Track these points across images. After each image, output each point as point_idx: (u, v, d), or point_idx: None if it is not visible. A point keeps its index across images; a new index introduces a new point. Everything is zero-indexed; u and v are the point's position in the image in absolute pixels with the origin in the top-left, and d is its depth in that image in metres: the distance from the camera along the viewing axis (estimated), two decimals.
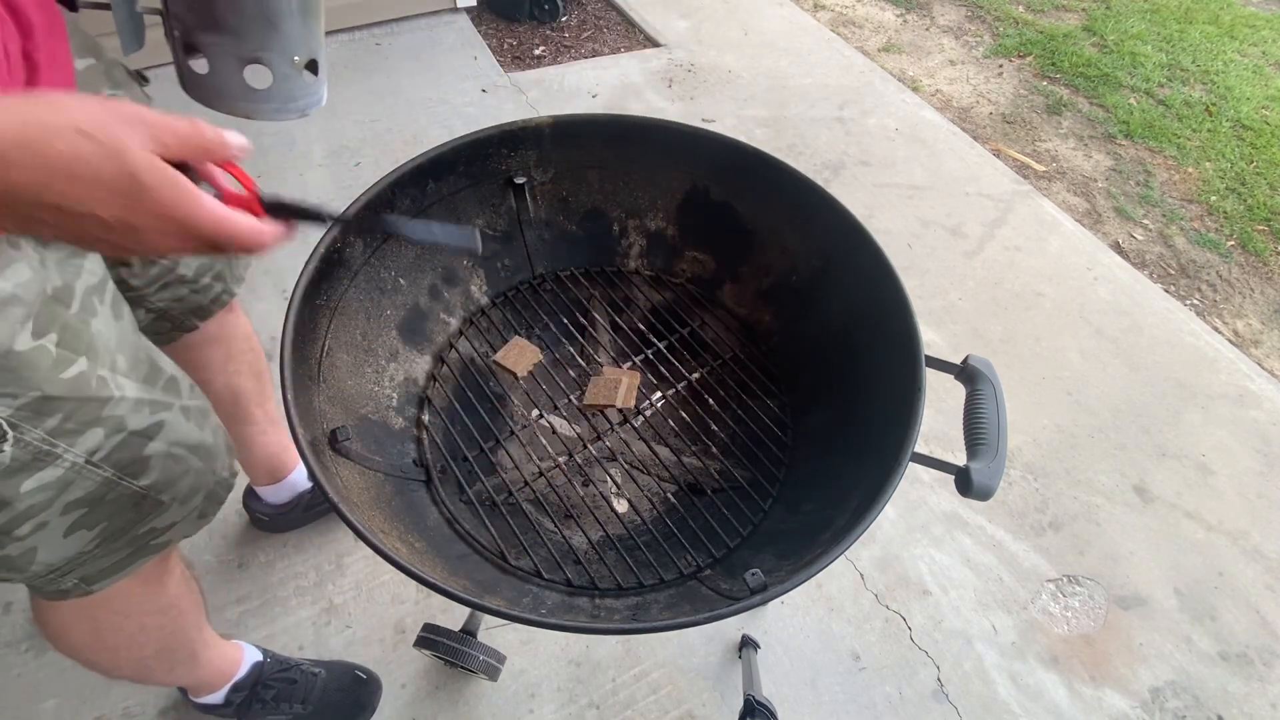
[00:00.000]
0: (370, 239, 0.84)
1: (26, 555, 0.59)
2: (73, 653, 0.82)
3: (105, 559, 0.66)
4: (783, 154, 1.00)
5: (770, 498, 0.87)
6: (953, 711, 1.28)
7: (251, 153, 0.46)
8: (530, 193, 1.00)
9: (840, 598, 1.40)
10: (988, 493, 0.66)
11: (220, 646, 1.04)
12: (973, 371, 0.75)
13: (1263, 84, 2.90)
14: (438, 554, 0.72)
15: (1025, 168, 2.49)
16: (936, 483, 1.59)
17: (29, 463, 0.53)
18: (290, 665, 1.14)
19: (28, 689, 1.19)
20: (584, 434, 0.93)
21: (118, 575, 0.69)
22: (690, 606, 0.72)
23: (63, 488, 0.56)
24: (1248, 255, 2.25)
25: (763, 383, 0.97)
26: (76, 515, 0.59)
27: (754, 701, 1.11)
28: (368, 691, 1.18)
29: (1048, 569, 1.47)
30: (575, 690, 1.25)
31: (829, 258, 0.92)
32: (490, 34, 2.83)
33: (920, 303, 1.94)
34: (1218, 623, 1.42)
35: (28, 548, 0.58)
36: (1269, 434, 1.74)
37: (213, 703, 1.08)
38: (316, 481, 0.61)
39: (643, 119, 0.96)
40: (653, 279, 1.08)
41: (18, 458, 0.51)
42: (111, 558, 0.67)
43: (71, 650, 0.82)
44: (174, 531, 0.71)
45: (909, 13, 3.29)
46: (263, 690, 1.10)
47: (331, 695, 1.15)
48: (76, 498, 0.58)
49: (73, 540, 0.61)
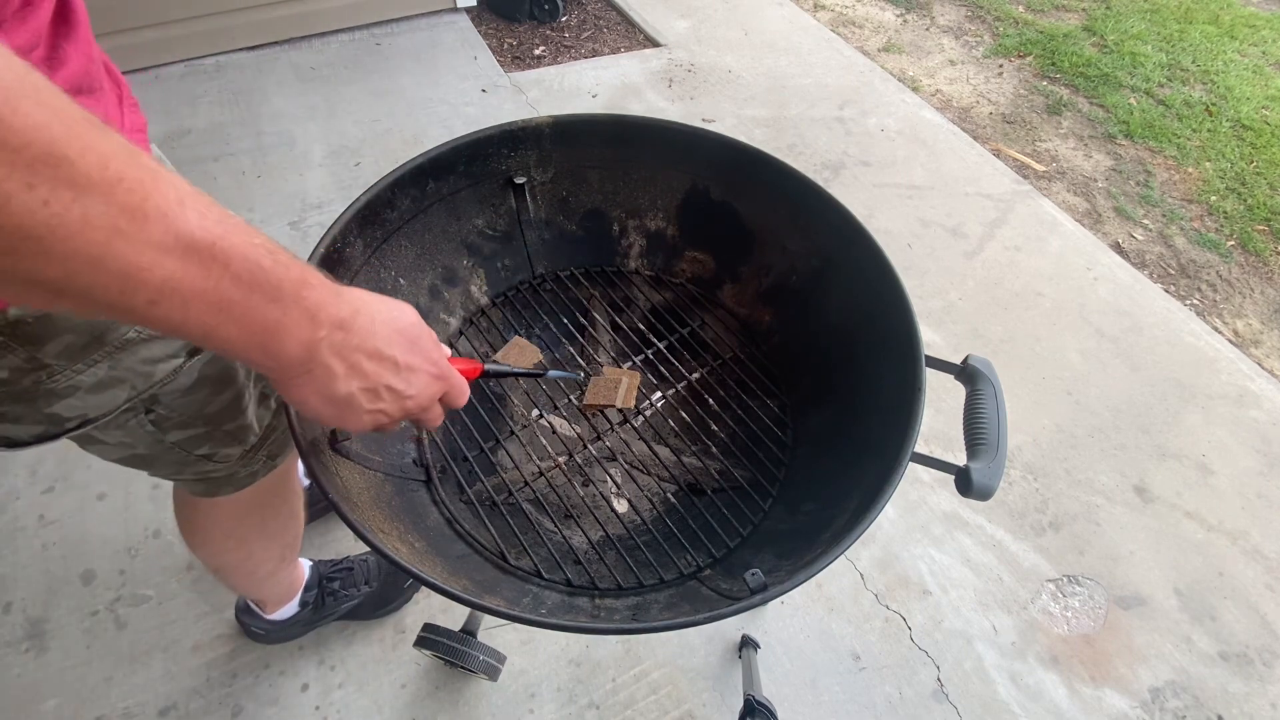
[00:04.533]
0: (370, 239, 0.84)
1: (245, 428, 0.73)
2: (239, 546, 0.94)
3: (282, 430, 0.80)
4: (783, 154, 1.00)
5: (770, 498, 0.87)
6: (953, 711, 1.28)
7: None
8: (530, 193, 1.00)
9: (840, 598, 1.40)
10: (988, 493, 0.65)
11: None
12: (973, 371, 0.75)
13: (1263, 84, 2.90)
14: (438, 554, 0.72)
15: (1025, 168, 2.49)
16: (936, 483, 1.59)
17: None
18: (339, 560, 1.27)
19: (28, 689, 1.19)
20: (584, 434, 0.93)
21: (289, 446, 0.84)
22: (690, 606, 0.72)
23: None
24: (1248, 255, 2.25)
25: (763, 383, 0.97)
26: (261, 385, 0.74)
27: (754, 701, 1.11)
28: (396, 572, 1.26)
29: (1048, 569, 1.47)
30: (575, 690, 1.25)
31: (829, 258, 0.92)
32: (490, 34, 2.83)
33: (920, 303, 1.94)
34: (1218, 623, 1.42)
35: (247, 420, 0.73)
36: (1269, 434, 1.73)
37: (289, 614, 1.20)
38: (316, 481, 0.61)
39: (643, 119, 0.96)
40: (653, 279, 1.08)
41: None
42: (283, 428, 0.80)
43: (240, 543, 0.93)
44: None
45: (909, 13, 3.29)
46: (328, 584, 1.22)
47: (385, 572, 1.27)
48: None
49: (263, 410, 0.76)
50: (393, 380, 0.46)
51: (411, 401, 0.49)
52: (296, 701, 1.21)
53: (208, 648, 1.25)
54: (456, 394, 0.53)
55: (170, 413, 0.65)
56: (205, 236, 0.33)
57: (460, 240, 0.97)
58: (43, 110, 0.27)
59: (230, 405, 0.70)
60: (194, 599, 1.30)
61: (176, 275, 0.32)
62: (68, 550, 1.35)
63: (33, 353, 0.51)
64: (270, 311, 0.37)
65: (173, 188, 0.32)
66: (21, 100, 0.26)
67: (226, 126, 2.30)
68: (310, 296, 0.39)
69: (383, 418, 0.48)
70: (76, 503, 1.41)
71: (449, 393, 0.53)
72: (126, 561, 1.34)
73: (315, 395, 0.44)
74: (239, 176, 2.14)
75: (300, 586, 1.19)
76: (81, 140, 0.28)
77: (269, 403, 0.78)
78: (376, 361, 0.45)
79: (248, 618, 1.20)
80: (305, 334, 0.39)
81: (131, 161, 0.30)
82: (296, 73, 2.54)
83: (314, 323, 0.40)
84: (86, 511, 1.40)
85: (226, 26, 2.53)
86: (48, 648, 1.23)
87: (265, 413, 0.78)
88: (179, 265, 0.32)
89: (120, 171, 0.29)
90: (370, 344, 0.44)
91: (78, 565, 1.33)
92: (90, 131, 0.28)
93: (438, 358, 0.50)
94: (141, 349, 0.58)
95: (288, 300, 0.37)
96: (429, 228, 0.92)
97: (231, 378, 0.69)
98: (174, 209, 0.31)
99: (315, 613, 1.22)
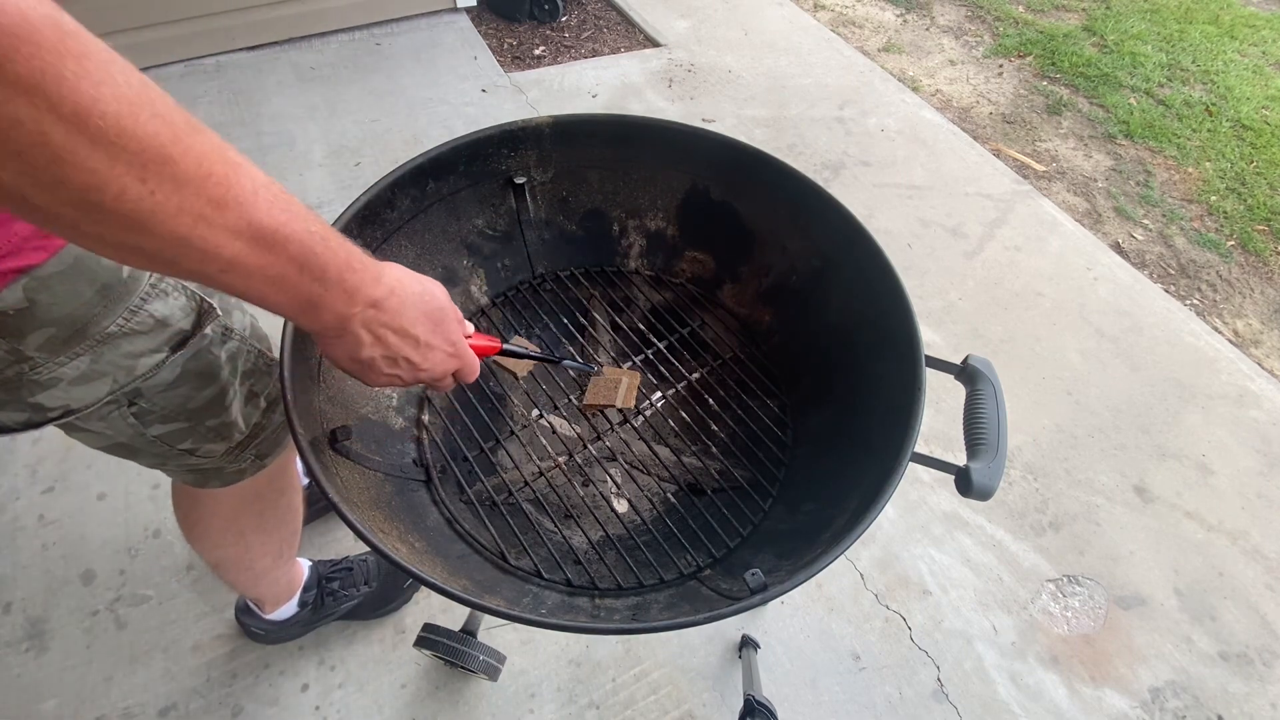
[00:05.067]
0: (370, 238, 0.84)
1: (229, 425, 0.74)
2: (237, 540, 0.94)
3: (271, 430, 0.81)
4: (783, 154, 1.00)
5: (770, 498, 0.87)
6: (953, 711, 1.28)
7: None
8: (530, 193, 1.00)
9: (840, 598, 1.40)
10: (988, 493, 0.66)
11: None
12: (973, 371, 0.75)
13: (1263, 84, 2.90)
14: (438, 554, 0.72)
15: (1025, 168, 2.49)
16: (936, 483, 1.59)
17: (220, 335, 0.69)
18: (338, 560, 1.28)
19: (28, 689, 1.19)
20: (584, 434, 0.93)
21: (280, 447, 0.85)
22: (690, 606, 0.72)
23: (234, 357, 0.72)
24: (1248, 255, 2.25)
25: (763, 383, 0.97)
26: (249, 384, 0.76)
27: (754, 701, 1.11)
28: (396, 571, 1.26)
29: (1048, 569, 1.47)
30: (575, 690, 1.25)
31: (829, 258, 0.92)
32: (490, 34, 2.83)
33: (920, 303, 1.94)
34: (1218, 623, 1.42)
35: (231, 418, 0.74)
36: (1269, 434, 1.73)
37: (288, 614, 1.19)
38: (316, 481, 0.61)
39: (643, 119, 0.96)
40: (653, 279, 1.08)
41: (215, 330, 0.68)
42: (274, 428, 0.82)
43: (238, 536, 0.94)
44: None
45: (909, 13, 3.29)
46: (327, 584, 1.23)
47: (384, 572, 1.27)
48: (246, 369, 0.74)
49: (250, 408, 0.77)
50: (411, 354, 0.54)
51: (424, 373, 0.57)
52: (296, 701, 1.21)
53: (208, 648, 1.25)
54: (467, 372, 0.62)
55: (152, 407, 0.66)
56: (270, 223, 0.39)
57: (460, 240, 0.97)
58: (157, 119, 0.33)
59: (213, 401, 0.71)
60: (194, 599, 1.30)
61: (243, 254, 0.39)
62: (68, 550, 1.35)
63: (14, 344, 0.53)
64: (315, 288, 0.44)
65: (249, 179, 0.38)
66: (141, 111, 0.33)
67: (226, 126, 2.30)
68: (351, 279, 0.47)
69: (397, 381, 0.57)
70: (76, 503, 1.41)
71: (461, 369, 0.61)
72: (126, 561, 1.34)
73: (343, 354, 0.52)
74: None
75: (299, 586, 1.19)
76: (184, 143, 0.35)
77: (258, 401, 0.78)
78: (400, 336, 0.53)
79: (247, 618, 1.20)
80: (341, 308, 0.47)
81: (220, 158, 0.37)
82: (296, 73, 2.54)
83: (350, 300, 0.48)
84: (86, 511, 1.40)
85: (226, 26, 2.53)
86: (48, 648, 1.23)
87: (253, 411, 0.78)
88: (246, 246, 0.39)
89: (210, 168, 0.36)
90: (397, 321, 0.52)
91: (78, 565, 1.33)
92: (191, 134, 0.35)
93: (456, 339, 0.58)
94: (123, 343, 0.60)
95: (330, 281, 0.45)
96: (429, 228, 0.92)
97: (214, 374, 0.69)
98: (249, 199, 0.38)
99: (315, 613, 1.22)
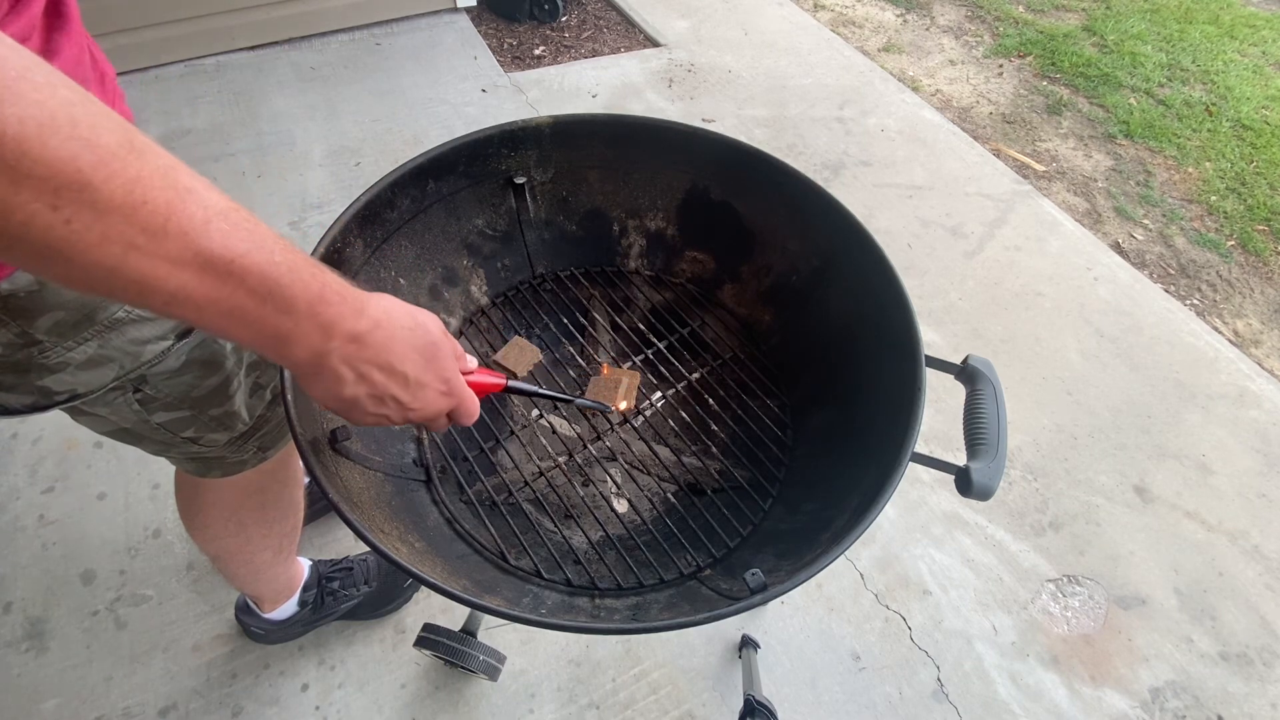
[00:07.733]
0: (370, 238, 0.84)
1: (233, 415, 0.74)
2: (238, 532, 0.95)
3: (275, 423, 0.81)
4: (783, 154, 1.00)
5: (770, 498, 0.87)
6: (953, 711, 1.28)
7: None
8: (530, 192, 1.00)
9: (840, 598, 1.40)
10: (988, 493, 0.65)
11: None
12: (973, 371, 0.75)
13: (1263, 84, 2.90)
14: (438, 554, 0.72)
15: (1025, 168, 2.49)
16: (936, 483, 1.59)
17: None
18: (338, 560, 1.28)
19: (28, 689, 1.19)
20: (584, 434, 0.93)
21: (283, 441, 0.85)
22: (690, 606, 0.72)
23: (240, 348, 0.71)
24: (1248, 255, 2.25)
25: (763, 383, 0.97)
26: (255, 376, 0.75)
27: (754, 701, 1.11)
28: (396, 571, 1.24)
29: (1048, 569, 1.47)
30: (575, 690, 1.25)
31: (829, 258, 0.92)
32: (490, 34, 2.83)
33: (920, 303, 1.94)
34: (1218, 623, 1.42)
35: (235, 408, 0.74)
36: (1269, 434, 1.73)
37: (288, 614, 1.19)
38: (316, 481, 0.61)
39: (643, 119, 0.96)
40: (653, 279, 1.08)
41: None
42: (279, 421, 0.82)
43: (239, 528, 0.95)
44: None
45: (909, 13, 3.29)
46: (328, 583, 1.23)
47: (384, 572, 1.28)
48: (253, 360, 0.74)
49: (255, 400, 0.77)
50: (399, 393, 0.49)
51: (415, 413, 0.52)
52: (296, 701, 1.21)
53: (208, 648, 1.25)
54: (463, 413, 0.56)
55: (157, 393, 0.67)
56: (225, 253, 0.36)
57: (460, 240, 0.97)
58: (75, 142, 0.30)
59: (217, 391, 0.71)
60: (194, 599, 1.30)
61: (190, 285, 0.36)
62: (68, 550, 1.35)
63: (24, 327, 0.54)
64: (282, 322, 0.41)
65: (200, 206, 0.35)
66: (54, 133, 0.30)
67: (226, 126, 2.30)
68: (326, 312, 0.42)
69: (385, 421, 0.51)
70: (76, 503, 1.41)
71: (456, 410, 0.55)
72: (126, 561, 1.34)
73: (323, 393, 0.47)
74: (239, 177, 2.14)
75: (299, 584, 1.19)
76: (108, 167, 0.32)
77: (263, 394, 0.78)
78: (386, 374, 0.48)
79: (247, 617, 1.20)
80: (315, 344, 0.43)
81: (163, 183, 0.34)
82: (296, 73, 2.54)
83: (326, 335, 0.43)
84: (86, 511, 1.40)
85: (226, 26, 2.53)
86: (48, 648, 1.23)
87: (258, 403, 0.78)
88: (193, 277, 0.36)
89: (145, 194, 0.33)
90: (383, 358, 0.47)
91: (78, 565, 1.33)
92: (125, 158, 0.32)
93: (450, 376, 0.53)
94: (130, 329, 0.60)
95: (300, 314, 0.41)
96: (429, 227, 0.92)
97: (219, 363, 0.70)
98: (197, 227, 0.35)
99: (315, 612, 1.22)
